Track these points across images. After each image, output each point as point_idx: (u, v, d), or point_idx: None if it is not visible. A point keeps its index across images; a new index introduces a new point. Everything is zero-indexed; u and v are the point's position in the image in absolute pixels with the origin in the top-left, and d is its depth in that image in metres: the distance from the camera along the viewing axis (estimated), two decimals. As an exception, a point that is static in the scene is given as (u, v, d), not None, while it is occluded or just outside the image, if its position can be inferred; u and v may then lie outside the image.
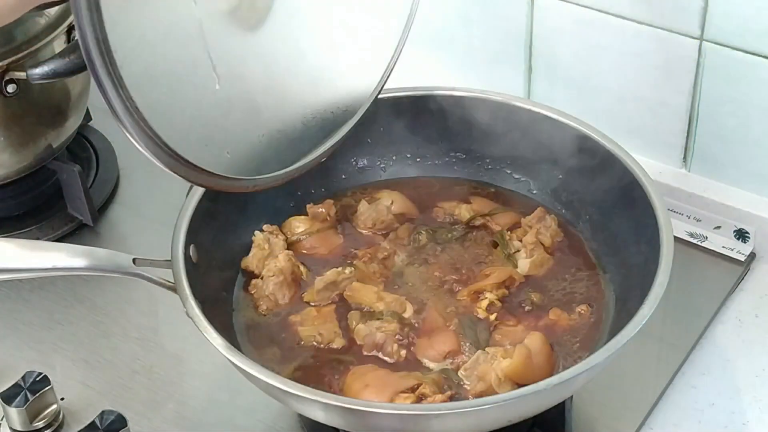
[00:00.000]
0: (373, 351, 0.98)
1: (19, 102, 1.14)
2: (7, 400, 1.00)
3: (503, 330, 1.00)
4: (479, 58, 1.27)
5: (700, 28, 1.10)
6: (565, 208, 1.11)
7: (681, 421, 1.02)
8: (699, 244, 1.17)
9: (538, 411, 0.92)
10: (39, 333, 1.12)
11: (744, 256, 1.16)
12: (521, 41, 1.23)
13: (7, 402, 1.00)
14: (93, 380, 1.07)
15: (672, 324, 1.11)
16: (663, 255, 0.94)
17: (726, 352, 1.08)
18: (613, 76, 1.18)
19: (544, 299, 1.03)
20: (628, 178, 1.03)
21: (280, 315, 1.03)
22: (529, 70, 1.24)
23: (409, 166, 1.17)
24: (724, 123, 1.14)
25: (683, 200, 1.18)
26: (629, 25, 1.14)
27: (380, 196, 1.12)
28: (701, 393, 1.04)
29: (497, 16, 1.23)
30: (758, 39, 1.08)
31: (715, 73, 1.12)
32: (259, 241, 1.07)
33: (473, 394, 0.94)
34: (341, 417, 0.89)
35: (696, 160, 1.18)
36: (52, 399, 1.02)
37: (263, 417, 1.03)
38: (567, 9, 1.17)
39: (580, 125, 1.08)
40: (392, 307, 1.01)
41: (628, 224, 1.04)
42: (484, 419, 0.88)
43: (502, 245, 1.07)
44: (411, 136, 1.16)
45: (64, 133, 1.22)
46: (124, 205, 1.27)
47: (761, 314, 1.11)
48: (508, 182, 1.14)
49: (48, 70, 1.12)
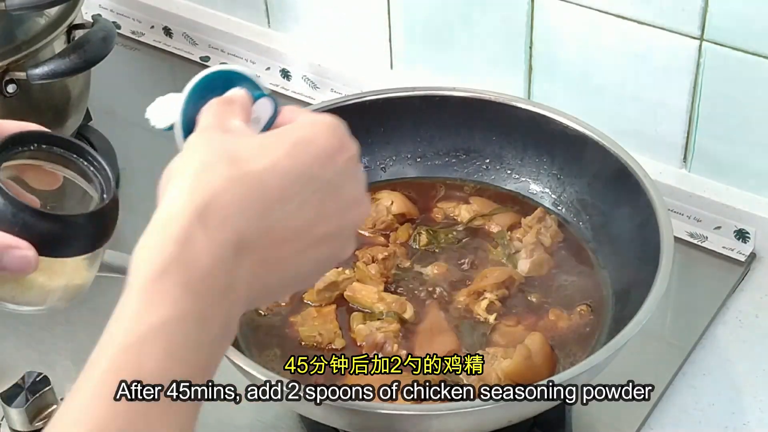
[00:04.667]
0: (374, 351, 0.98)
1: (19, 102, 1.14)
2: (7, 401, 1.00)
3: (503, 330, 1.00)
4: (479, 58, 1.27)
5: (700, 28, 1.10)
6: (565, 209, 1.11)
7: (681, 421, 1.02)
8: (699, 244, 1.17)
9: (538, 411, 0.92)
10: (39, 333, 1.12)
11: (744, 256, 1.16)
12: (521, 41, 1.23)
13: (7, 402, 1.00)
14: (93, 380, 1.07)
15: (672, 324, 1.11)
16: (663, 255, 0.94)
17: (726, 352, 1.08)
18: (613, 76, 1.18)
19: (544, 299, 1.03)
20: (628, 178, 1.03)
21: (280, 315, 1.03)
22: (529, 70, 1.24)
23: (409, 166, 1.17)
24: (724, 123, 1.14)
25: (683, 200, 1.18)
26: (629, 25, 1.14)
27: (380, 197, 1.12)
28: (701, 393, 1.04)
29: (497, 16, 1.23)
30: (758, 39, 1.08)
31: (715, 73, 1.12)
32: (259, 241, 1.07)
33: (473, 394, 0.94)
34: (341, 417, 0.89)
35: (696, 160, 1.18)
36: (52, 399, 1.02)
37: (263, 417, 1.03)
38: (567, 9, 1.17)
39: (580, 125, 1.08)
40: (392, 307, 1.01)
41: (628, 224, 1.04)
42: (484, 419, 0.88)
43: (502, 245, 1.07)
44: (411, 136, 1.16)
45: (64, 133, 1.22)
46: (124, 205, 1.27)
47: (761, 314, 1.11)
48: (508, 182, 1.15)
49: (48, 70, 1.13)
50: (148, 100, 0.78)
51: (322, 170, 0.64)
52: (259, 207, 0.60)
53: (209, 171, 0.61)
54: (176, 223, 0.58)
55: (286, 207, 0.62)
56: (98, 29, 1.17)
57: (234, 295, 0.59)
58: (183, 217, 0.58)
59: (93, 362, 0.58)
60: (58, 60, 1.13)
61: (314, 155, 0.64)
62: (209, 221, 0.58)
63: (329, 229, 0.65)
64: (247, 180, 0.61)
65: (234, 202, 0.59)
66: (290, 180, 0.62)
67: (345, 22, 1.36)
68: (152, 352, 0.56)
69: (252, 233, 0.60)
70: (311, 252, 0.64)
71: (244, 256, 0.59)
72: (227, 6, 1.46)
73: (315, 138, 0.65)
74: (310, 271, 0.66)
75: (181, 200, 0.59)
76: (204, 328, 0.57)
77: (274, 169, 0.62)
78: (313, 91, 1.40)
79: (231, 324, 0.60)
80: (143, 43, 1.52)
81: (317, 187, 0.64)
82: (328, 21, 1.38)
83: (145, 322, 0.56)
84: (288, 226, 0.62)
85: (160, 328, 0.56)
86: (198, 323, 0.57)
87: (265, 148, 0.63)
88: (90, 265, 0.77)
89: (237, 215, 0.59)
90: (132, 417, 0.55)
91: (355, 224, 0.67)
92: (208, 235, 0.58)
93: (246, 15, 1.45)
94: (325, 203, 0.64)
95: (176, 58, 1.48)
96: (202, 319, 0.57)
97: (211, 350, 0.59)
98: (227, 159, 0.61)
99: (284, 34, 1.43)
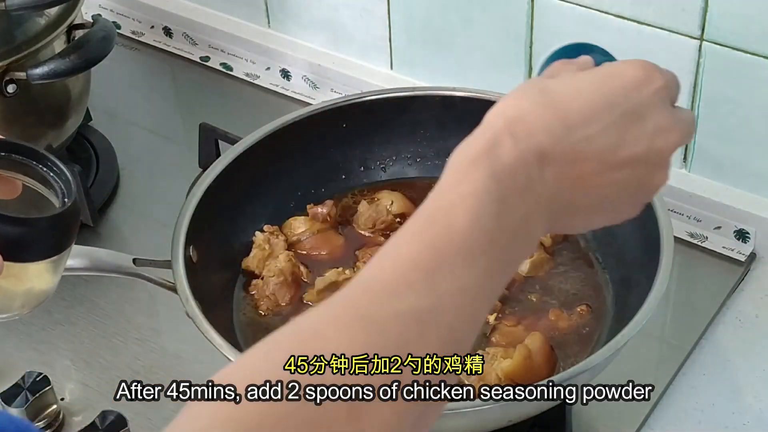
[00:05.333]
0: (373, 351, 0.98)
1: (19, 102, 1.14)
2: (7, 401, 1.00)
3: (503, 330, 1.00)
4: (479, 58, 1.27)
5: (700, 28, 1.10)
6: (565, 208, 1.11)
7: (681, 421, 1.02)
8: (699, 245, 1.17)
9: (538, 411, 0.92)
10: (39, 333, 1.12)
11: (744, 256, 1.16)
12: (521, 41, 1.23)
13: (7, 402, 1.00)
14: (93, 380, 1.07)
15: (672, 324, 1.11)
16: (663, 255, 0.94)
17: (726, 352, 1.08)
18: (613, 76, 1.18)
19: (544, 299, 1.03)
20: (628, 178, 1.03)
21: (280, 315, 1.03)
22: (529, 70, 1.24)
23: (409, 166, 1.17)
24: (724, 123, 1.14)
25: (683, 200, 1.18)
26: (629, 25, 1.14)
27: (380, 197, 1.12)
28: (701, 393, 1.04)
29: (497, 17, 1.23)
30: (758, 39, 1.08)
31: (715, 73, 1.12)
32: (259, 241, 1.07)
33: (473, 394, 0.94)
34: (341, 417, 0.89)
35: (696, 160, 1.18)
36: (52, 399, 1.02)
37: (263, 417, 1.02)
38: (567, 9, 1.17)
39: (580, 125, 1.08)
40: (392, 307, 1.01)
41: (628, 224, 1.03)
42: (484, 419, 0.88)
43: (502, 245, 1.07)
44: (411, 136, 1.16)
45: (64, 133, 1.22)
46: (124, 205, 1.27)
47: (761, 314, 1.11)
48: (508, 182, 1.14)
49: (48, 70, 1.12)
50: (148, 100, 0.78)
51: (626, 99, 0.70)
52: (562, 128, 0.67)
53: (523, 97, 0.68)
54: (489, 130, 0.66)
55: (588, 130, 0.68)
56: (98, 29, 1.16)
57: (535, 195, 0.65)
58: (496, 125, 0.66)
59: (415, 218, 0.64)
60: (58, 60, 1.13)
61: (619, 85, 0.70)
62: (517, 132, 0.66)
63: (634, 153, 0.69)
64: (553, 104, 0.68)
65: (539, 122, 0.66)
66: (593, 105, 0.68)
67: (345, 22, 1.36)
68: (461, 212, 0.62)
69: (554, 149, 0.66)
70: (614, 174, 0.69)
71: (545, 166, 0.66)
72: (227, 6, 1.46)
73: (623, 71, 0.72)
74: (618, 195, 0.71)
75: (496, 114, 0.67)
76: (504, 209, 0.64)
77: (578, 95, 0.69)
78: (313, 91, 1.40)
79: (531, 222, 0.65)
80: (143, 43, 1.51)
81: (621, 113, 0.69)
82: (328, 21, 1.38)
83: (456, 191, 0.64)
84: (590, 147, 0.68)
85: (468, 195, 0.63)
86: (499, 203, 0.63)
87: (574, 79, 0.71)
88: (54, 270, 0.77)
89: (541, 132, 0.66)
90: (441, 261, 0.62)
91: (663, 151, 0.71)
92: (514, 142, 0.65)
93: (246, 15, 1.45)
94: (628, 129, 0.69)
95: (176, 58, 1.48)
96: (503, 201, 0.63)
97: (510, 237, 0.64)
98: (540, 90, 0.69)
99: (284, 34, 1.43)
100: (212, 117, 1.26)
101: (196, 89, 1.46)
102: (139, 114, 1.41)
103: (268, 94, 1.42)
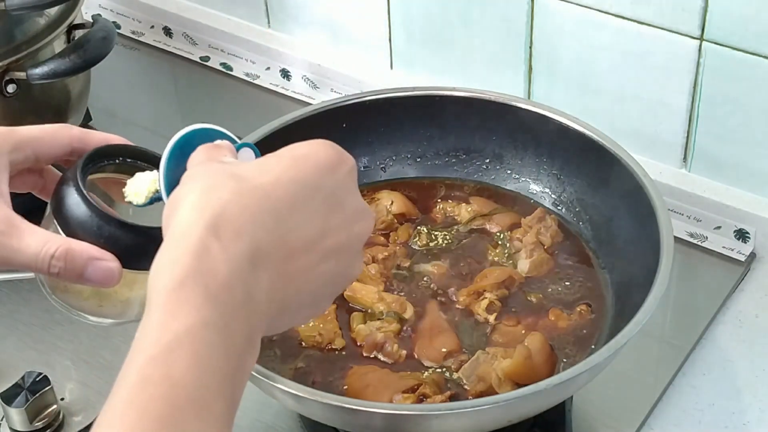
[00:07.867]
0: (374, 351, 0.98)
1: (19, 102, 1.15)
2: (7, 400, 1.00)
3: (503, 330, 1.00)
4: (479, 58, 1.27)
5: (700, 28, 1.10)
6: (565, 209, 1.11)
7: (681, 421, 1.02)
8: (699, 244, 1.17)
9: (538, 411, 0.92)
10: (39, 333, 1.12)
11: (744, 256, 1.16)
12: (521, 41, 1.23)
13: (7, 402, 1.00)
14: (93, 380, 1.07)
15: (672, 324, 1.11)
16: (663, 255, 0.94)
17: (726, 352, 1.08)
18: (613, 76, 1.18)
19: (544, 299, 1.03)
20: (628, 178, 1.03)
21: (280, 315, 1.03)
22: (529, 70, 1.24)
23: (409, 166, 1.17)
24: (724, 123, 1.14)
25: (683, 200, 1.18)
26: (629, 25, 1.14)
27: (380, 197, 1.12)
28: (701, 393, 1.04)
29: (497, 17, 1.23)
30: (758, 39, 1.08)
31: (715, 73, 1.12)
32: (259, 241, 1.07)
33: (473, 394, 0.94)
34: (341, 417, 0.89)
35: (696, 160, 1.18)
36: (52, 399, 1.02)
37: (263, 417, 1.03)
38: (567, 9, 1.17)
39: (580, 125, 1.08)
40: (392, 307, 1.01)
41: (628, 224, 1.04)
42: (484, 419, 0.88)
43: (502, 245, 1.07)
44: (411, 136, 1.16)
45: (64, 133, 1.22)
46: (124, 205, 1.27)
47: (761, 314, 1.11)
48: (508, 182, 1.15)
49: (48, 70, 1.13)
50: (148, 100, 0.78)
51: (324, 181, 0.64)
52: (270, 217, 0.60)
53: (216, 188, 0.61)
54: (190, 237, 0.58)
55: (295, 217, 0.62)
56: (98, 29, 1.17)
57: (254, 305, 0.59)
58: (196, 230, 0.58)
59: (121, 378, 0.57)
60: (58, 60, 1.13)
61: (315, 167, 0.64)
62: (222, 233, 0.58)
63: (338, 241, 0.64)
64: (254, 192, 0.61)
65: (244, 213, 0.59)
66: (296, 190, 0.62)
67: (345, 22, 1.37)
68: (180, 359, 0.55)
69: (266, 244, 0.60)
70: (323, 266, 0.64)
71: (260, 268, 0.59)
72: (227, 6, 1.46)
73: (314, 152, 0.65)
74: (324, 288, 0.65)
75: (193, 216, 0.59)
76: (228, 337, 0.57)
77: (278, 181, 0.62)
78: (313, 91, 1.40)
79: (254, 338, 0.59)
80: (143, 43, 1.52)
81: (323, 198, 0.63)
82: (328, 21, 1.38)
83: (170, 330, 0.56)
84: (300, 237, 0.62)
85: (185, 335, 0.55)
86: (222, 331, 0.56)
87: (266, 165, 0.64)
88: None
89: (249, 225, 0.59)
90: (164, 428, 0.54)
91: (360, 238, 0.67)
92: (222, 246, 0.58)
93: (246, 15, 1.45)
94: (330, 215, 0.64)
95: (176, 58, 1.48)
96: (225, 327, 0.57)
97: (238, 363, 0.58)
98: (231, 177, 0.61)
99: (284, 34, 1.43)
100: (212, 117, 1.25)
101: (196, 89, 1.46)
102: (139, 114, 1.41)
103: (268, 94, 1.42)
